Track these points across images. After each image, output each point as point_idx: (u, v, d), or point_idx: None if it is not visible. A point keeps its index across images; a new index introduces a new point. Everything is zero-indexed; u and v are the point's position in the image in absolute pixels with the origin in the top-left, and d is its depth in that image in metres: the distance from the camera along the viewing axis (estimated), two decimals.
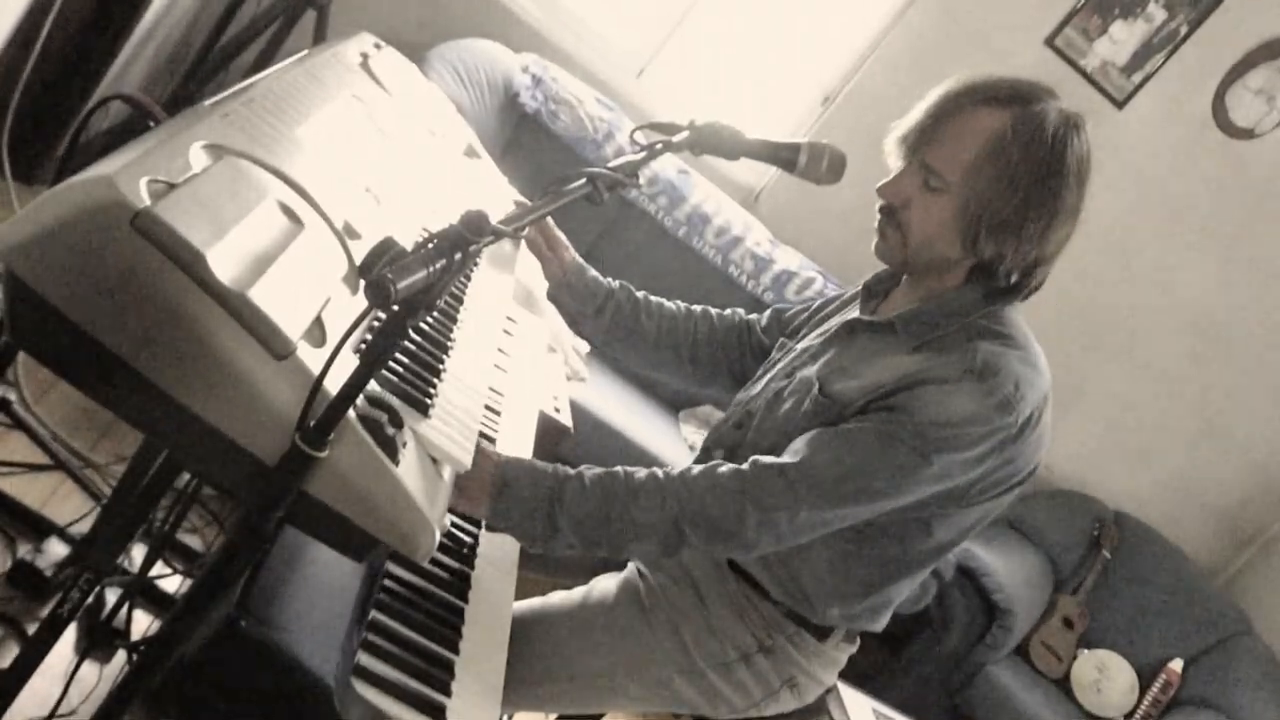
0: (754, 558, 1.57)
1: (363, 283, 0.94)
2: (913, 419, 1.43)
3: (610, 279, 1.87)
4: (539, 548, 1.45)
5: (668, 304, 1.89)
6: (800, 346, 1.71)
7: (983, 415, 1.44)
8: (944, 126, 1.50)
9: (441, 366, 1.39)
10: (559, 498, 1.43)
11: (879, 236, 1.58)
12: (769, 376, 1.70)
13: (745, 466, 1.47)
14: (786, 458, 1.47)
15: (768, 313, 1.90)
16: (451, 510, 1.40)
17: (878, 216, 1.57)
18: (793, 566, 1.58)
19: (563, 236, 1.86)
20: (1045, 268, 1.54)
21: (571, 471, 1.46)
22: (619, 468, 1.48)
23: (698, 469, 1.48)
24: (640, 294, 1.88)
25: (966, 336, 1.51)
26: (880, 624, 1.67)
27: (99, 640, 1.97)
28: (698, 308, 1.91)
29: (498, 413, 1.62)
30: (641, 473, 1.47)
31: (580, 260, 1.86)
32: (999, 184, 1.47)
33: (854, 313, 1.67)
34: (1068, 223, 1.51)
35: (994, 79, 1.52)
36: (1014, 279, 1.53)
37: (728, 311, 1.92)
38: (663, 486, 1.46)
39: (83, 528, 2.15)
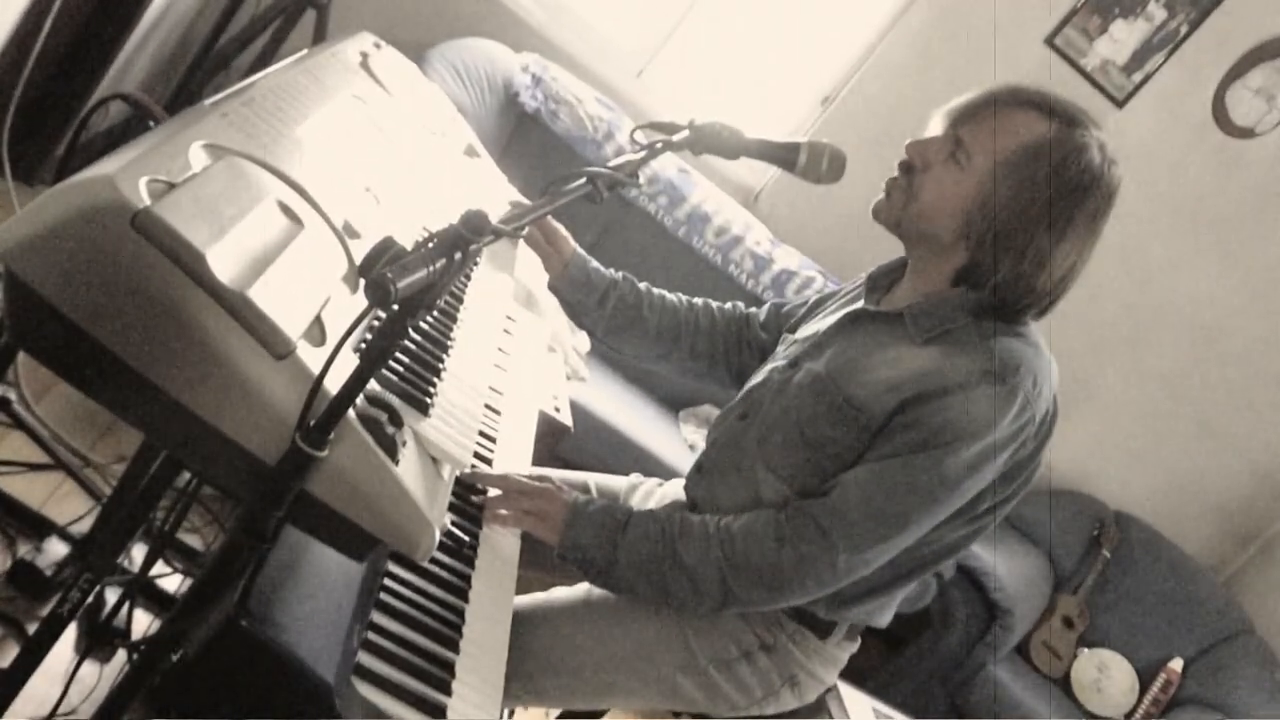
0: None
1: (363, 282, 0.94)
2: (938, 440, 1.43)
3: (612, 270, 1.88)
4: (600, 581, 1.56)
5: (669, 296, 1.90)
6: (802, 335, 1.71)
7: (1006, 420, 1.45)
8: (989, 112, 1.52)
9: (441, 366, 1.39)
10: (625, 526, 1.53)
11: (883, 194, 1.58)
12: (771, 366, 1.70)
13: (783, 514, 1.50)
14: (818, 503, 1.48)
15: (766, 307, 1.91)
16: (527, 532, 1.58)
17: (894, 173, 1.57)
18: None
19: (562, 229, 1.86)
20: (1037, 297, 1.51)
21: (643, 510, 1.57)
22: (677, 513, 1.56)
23: (742, 519, 1.52)
24: (642, 285, 1.89)
25: (979, 333, 1.51)
26: (885, 620, 1.68)
27: (99, 640, 1.97)
28: (699, 300, 1.92)
29: (498, 412, 1.62)
30: (694, 517, 1.54)
31: (581, 252, 1.87)
32: (1024, 189, 1.47)
33: (858, 304, 1.67)
34: (1073, 252, 1.50)
35: (1051, 93, 1.54)
36: (1000, 294, 1.51)
37: (728, 305, 1.93)
38: (709, 533, 1.51)
39: (83, 528, 2.15)
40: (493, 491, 1.57)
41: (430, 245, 1.01)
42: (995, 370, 1.45)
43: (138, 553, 2.13)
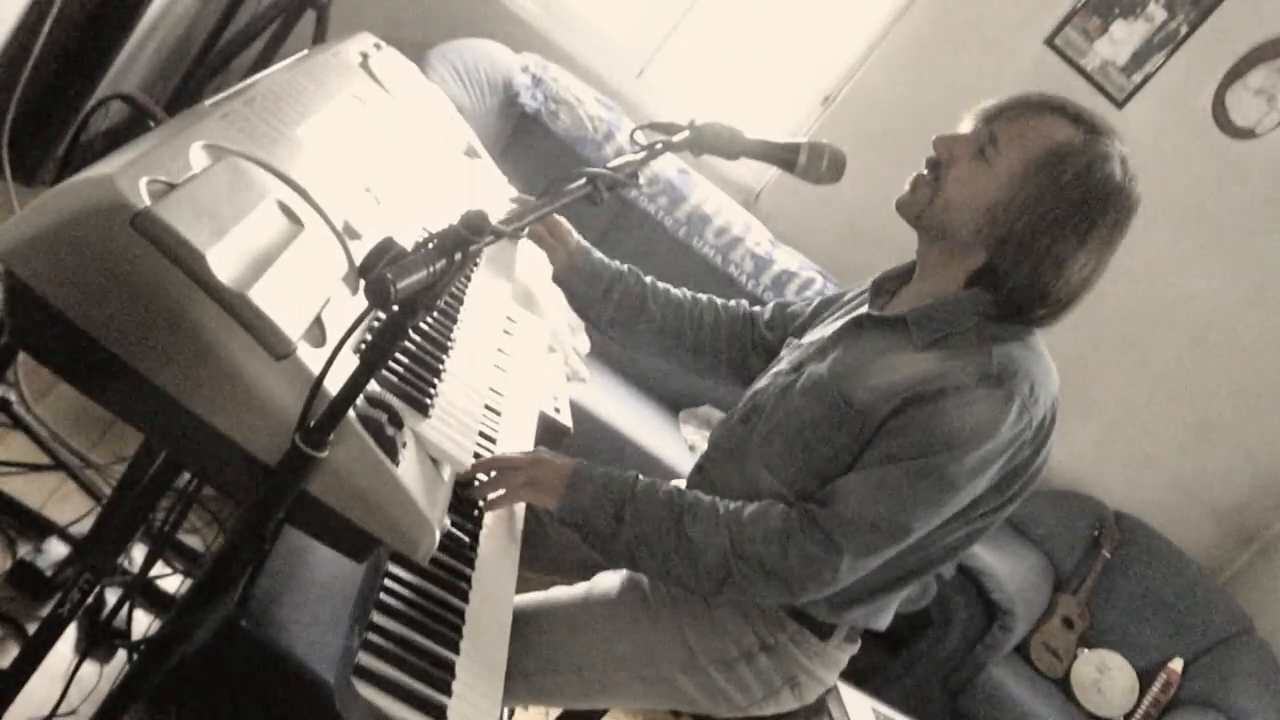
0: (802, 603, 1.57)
1: (363, 283, 0.94)
2: (936, 444, 1.44)
3: (617, 262, 1.88)
4: (597, 547, 1.52)
5: (674, 290, 1.91)
6: (807, 341, 1.72)
7: (1003, 424, 1.45)
8: (1021, 115, 1.53)
9: (441, 366, 1.39)
10: (633, 493, 1.50)
11: (909, 189, 1.58)
12: (775, 370, 1.71)
13: (793, 512, 1.49)
14: (825, 513, 1.47)
15: (770, 306, 1.91)
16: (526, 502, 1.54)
17: (921, 170, 1.58)
18: None
19: (565, 222, 1.86)
20: (1051, 304, 1.52)
21: (650, 479, 1.54)
22: (688, 490, 1.54)
23: (752, 506, 1.51)
24: (648, 279, 1.89)
25: (979, 338, 1.51)
26: (883, 622, 1.68)
27: (99, 640, 1.97)
28: (704, 296, 1.92)
29: (498, 413, 1.62)
30: (705, 497, 1.53)
31: (585, 243, 1.87)
32: (1048, 192, 1.47)
33: (862, 309, 1.67)
34: (1091, 260, 1.50)
35: (1078, 103, 1.55)
36: (1015, 298, 1.52)
37: (733, 302, 1.93)
38: (719, 514, 1.50)
39: (83, 528, 2.15)
40: (481, 477, 1.54)
41: (430, 246, 1.01)
42: (993, 374, 1.46)
43: (138, 553, 2.13)
